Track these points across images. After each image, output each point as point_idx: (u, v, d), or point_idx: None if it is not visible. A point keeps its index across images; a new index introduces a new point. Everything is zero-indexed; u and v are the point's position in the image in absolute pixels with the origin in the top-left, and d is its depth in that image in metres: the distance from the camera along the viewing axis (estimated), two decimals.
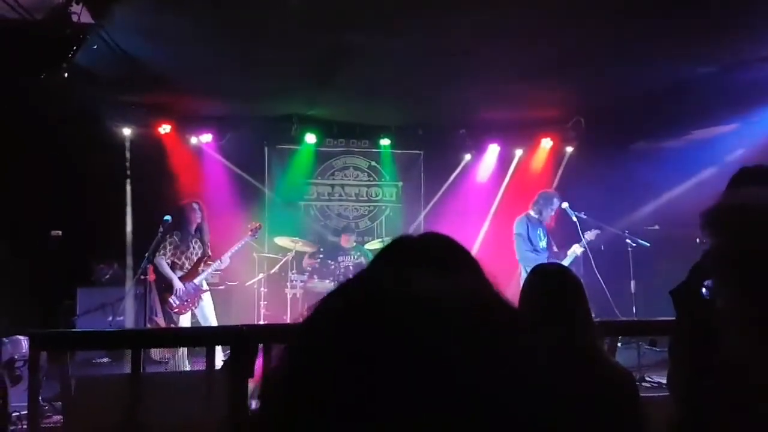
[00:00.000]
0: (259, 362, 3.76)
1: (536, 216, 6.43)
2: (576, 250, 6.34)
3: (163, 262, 6.27)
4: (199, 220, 6.44)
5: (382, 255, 1.19)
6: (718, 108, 6.93)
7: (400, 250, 1.19)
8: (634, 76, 6.84)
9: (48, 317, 6.40)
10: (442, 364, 0.55)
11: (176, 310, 6.24)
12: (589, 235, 6.39)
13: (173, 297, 6.24)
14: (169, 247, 6.31)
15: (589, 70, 6.62)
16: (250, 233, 6.72)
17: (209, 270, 6.48)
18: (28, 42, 4.95)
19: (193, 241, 6.43)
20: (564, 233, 6.66)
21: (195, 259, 6.42)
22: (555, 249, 6.53)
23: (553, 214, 6.49)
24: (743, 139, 6.96)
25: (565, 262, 6.29)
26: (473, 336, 0.57)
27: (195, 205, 6.46)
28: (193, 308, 6.33)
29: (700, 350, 1.58)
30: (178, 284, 6.25)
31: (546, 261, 6.32)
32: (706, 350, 1.50)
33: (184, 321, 6.28)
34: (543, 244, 6.44)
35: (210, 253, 6.53)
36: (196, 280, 6.35)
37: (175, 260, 6.33)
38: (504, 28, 5.51)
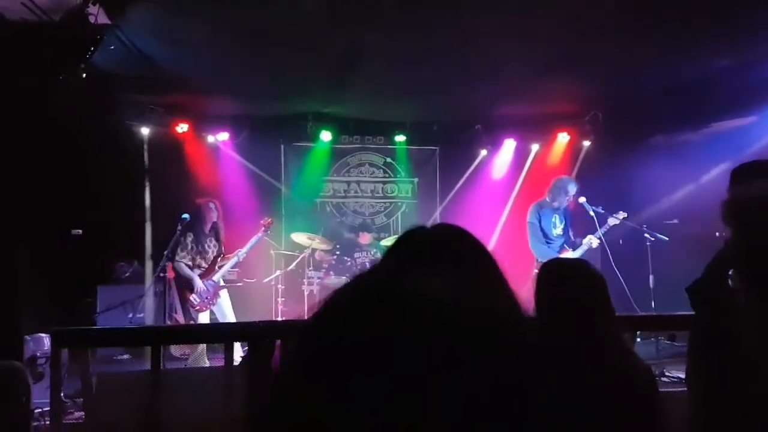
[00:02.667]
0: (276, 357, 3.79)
1: (550, 202, 6.36)
2: (592, 241, 6.28)
3: (182, 264, 6.35)
4: (214, 219, 6.50)
5: (394, 248, 1.19)
6: (736, 101, 6.84)
7: (411, 243, 1.18)
8: (651, 70, 6.77)
9: (69, 315, 6.48)
10: (441, 362, 0.56)
11: (197, 308, 6.33)
12: (612, 221, 6.30)
13: (194, 295, 6.33)
14: (187, 249, 6.39)
15: (606, 64, 6.56)
16: (262, 229, 6.77)
17: (227, 266, 6.54)
18: (46, 43, 5.01)
19: (209, 240, 6.49)
20: (581, 225, 6.59)
21: (211, 257, 6.49)
22: (572, 236, 6.44)
23: (569, 199, 6.34)
24: (763, 131, 6.87)
25: (578, 252, 6.26)
26: (472, 336, 0.58)
27: (211, 205, 6.51)
28: (212, 306, 6.41)
29: (717, 344, 1.56)
30: (198, 283, 6.34)
31: (558, 249, 6.31)
32: (723, 344, 1.49)
33: (203, 318, 6.36)
34: (557, 231, 6.37)
35: (224, 251, 6.59)
36: (215, 278, 6.43)
37: (193, 261, 6.41)
38: (520, 23, 5.48)
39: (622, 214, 6.37)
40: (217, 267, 6.49)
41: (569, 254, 6.23)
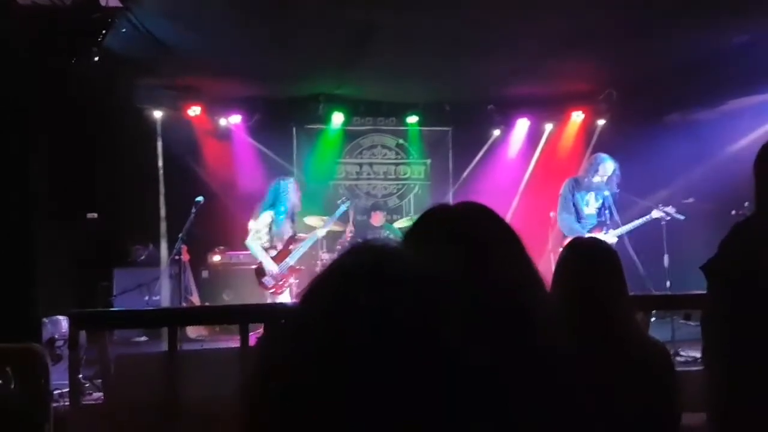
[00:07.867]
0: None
1: (583, 179, 6.19)
2: (612, 234, 6.16)
3: (257, 245, 6.09)
4: (296, 201, 6.24)
5: (413, 228, 1.14)
6: (753, 78, 6.73)
7: (431, 222, 1.14)
8: (667, 47, 6.66)
9: (86, 298, 6.55)
10: (439, 346, 0.53)
11: (270, 289, 6.13)
12: (656, 213, 6.21)
13: (267, 278, 6.10)
14: (265, 230, 6.11)
15: (620, 42, 6.47)
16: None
17: (303, 248, 6.34)
18: (58, 27, 5.01)
19: (287, 222, 6.23)
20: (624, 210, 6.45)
21: (286, 238, 6.24)
22: (604, 219, 6.25)
23: (601, 179, 6.10)
24: None
25: (611, 235, 6.15)
26: (481, 320, 0.55)
27: (297, 184, 6.31)
28: (288, 287, 6.19)
29: (737, 321, 1.55)
30: (269, 265, 6.10)
31: (589, 228, 6.17)
32: (744, 320, 1.48)
33: (284, 299, 6.13)
34: (590, 210, 6.22)
35: (297, 233, 6.38)
36: (288, 259, 6.21)
37: (270, 242, 6.18)
38: (533, 1, 5.41)
39: (671, 208, 6.21)
40: (290, 248, 6.22)
41: (602, 236, 5.97)
